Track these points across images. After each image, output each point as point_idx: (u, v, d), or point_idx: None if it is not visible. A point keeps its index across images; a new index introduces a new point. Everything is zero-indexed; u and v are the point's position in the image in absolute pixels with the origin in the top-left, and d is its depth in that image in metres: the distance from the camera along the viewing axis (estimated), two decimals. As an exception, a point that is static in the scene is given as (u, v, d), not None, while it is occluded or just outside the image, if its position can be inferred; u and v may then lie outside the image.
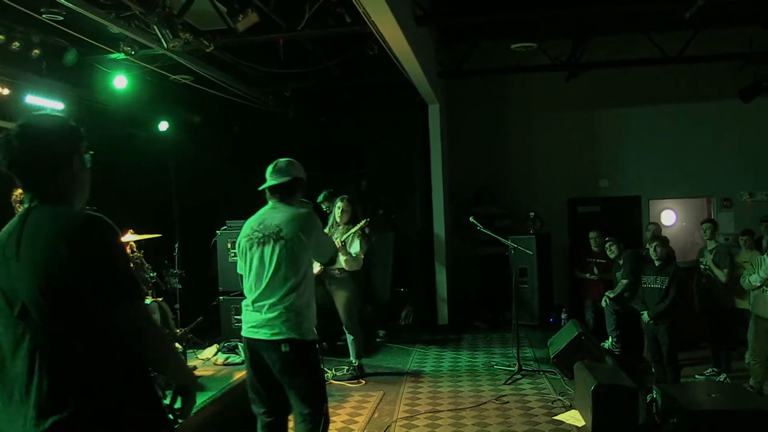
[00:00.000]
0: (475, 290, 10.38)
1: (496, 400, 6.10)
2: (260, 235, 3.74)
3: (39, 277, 1.97)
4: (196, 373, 5.96)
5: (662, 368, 7.15)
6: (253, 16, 5.76)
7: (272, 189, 3.85)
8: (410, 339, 8.97)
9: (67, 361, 1.99)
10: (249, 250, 3.77)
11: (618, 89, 10.31)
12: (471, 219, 7.23)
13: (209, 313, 7.67)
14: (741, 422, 4.56)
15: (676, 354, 7.01)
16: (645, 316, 7.02)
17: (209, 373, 6.01)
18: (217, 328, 7.53)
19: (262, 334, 3.63)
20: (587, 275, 8.94)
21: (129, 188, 8.51)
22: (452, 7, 7.83)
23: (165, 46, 5.61)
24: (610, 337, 8.47)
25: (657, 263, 6.97)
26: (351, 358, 7.11)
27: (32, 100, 6.82)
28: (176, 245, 7.30)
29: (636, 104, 10.39)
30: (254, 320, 3.68)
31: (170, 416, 2.26)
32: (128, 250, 6.22)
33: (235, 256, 6.56)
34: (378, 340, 8.99)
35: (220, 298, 7.54)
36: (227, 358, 6.37)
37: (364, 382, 6.89)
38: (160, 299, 5.81)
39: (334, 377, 7.00)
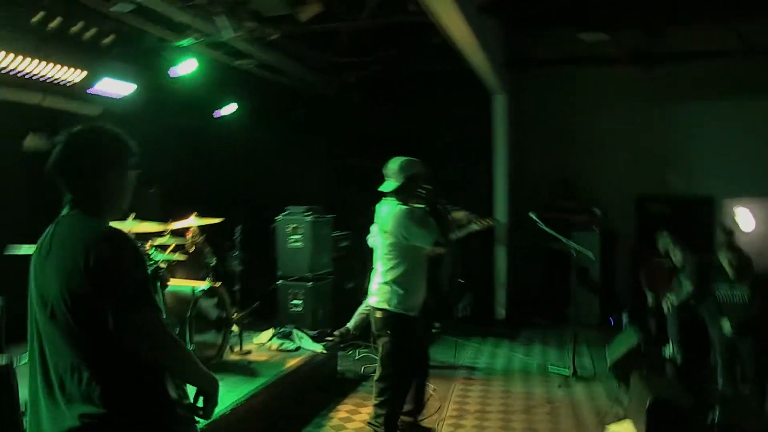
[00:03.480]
0: (537, 285, 10.19)
1: (547, 404, 5.97)
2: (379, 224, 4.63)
3: (62, 283, 2.10)
4: (251, 357, 6.06)
5: (734, 384, 6.88)
6: (316, 6, 5.73)
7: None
8: (466, 332, 8.84)
9: (88, 361, 2.10)
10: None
11: (694, 82, 9.81)
12: (531, 214, 7.04)
13: (267, 298, 7.76)
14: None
15: (761, 371, 6.72)
16: (726, 326, 6.72)
17: (263, 358, 6.11)
18: (275, 312, 7.61)
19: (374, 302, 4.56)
20: (648, 292, 8.69)
21: (195, 171, 8.68)
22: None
23: (229, 36, 5.64)
24: (671, 344, 8.19)
25: (732, 273, 6.68)
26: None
27: (104, 84, 7.01)
28: (238, 228, 7.38)
29: (713, 98, 9.89)
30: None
31: (194, 416, 2.34)
32: (190, 235, 6.34)
33: (295, 241, 6.63)
34: (433, 331, 8.92)
35: (278, 282, 7.60)
36: (281, 345, 6.44)
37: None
38: (218, 284, 5.88)
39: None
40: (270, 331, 6.75)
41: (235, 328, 6.20)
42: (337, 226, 8.33)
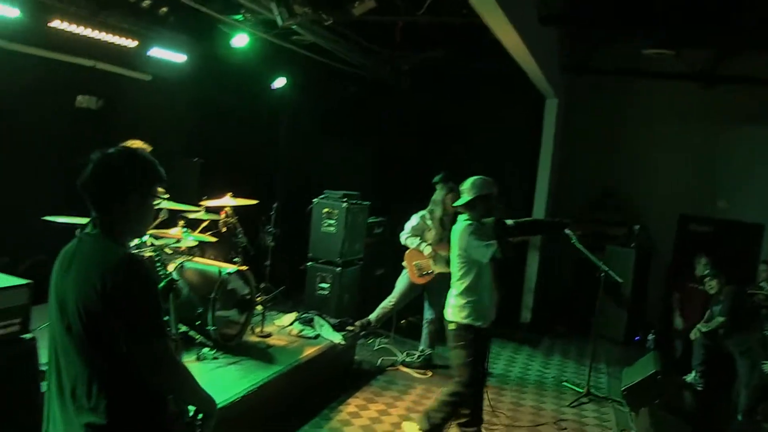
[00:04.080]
0: (565, 293, 10.11)
1: (554, 423, 5.97)
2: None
3: (79, 301, 2.23)
4: (270, 341, 6.15)
5: (756, 421, 6.84)
6: (370, 2, 5.69)
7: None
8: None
9: (97, 375, 2.25)
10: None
11: (754, 107, 9.49)
12: (566, 231, 6.93)
13: (295, 278, 7.86)
14: None
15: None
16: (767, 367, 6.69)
17: (282, 342, 6.19)
18: (301, 294, 7.71)
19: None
20: (677, 317, 8.59)
21: (239, 146, 8.77)
22: (585, 10, 7.42)
23: (281, 23, 5.66)
24: (694, 371, 8.09)
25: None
26: (422, 346, 7.12)
27: (156, 52, 7.13)
28: (275, 205, 7.46)
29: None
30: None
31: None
32: (223, 215, 6.44)
33: (329, 226, 6.72)
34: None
35: (308, 264, 7.69)
36: (302, 331, 6.51)
37: (431, 373, 6.90)
38: (245, 268, 5.97)
39: (403, 362, 7.04)
40: (293, 315, 6.84)
41: (258, 308, 6.30)
42: (372, 212, 8.37)
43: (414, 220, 6.87)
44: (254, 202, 6.57)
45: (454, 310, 4.84)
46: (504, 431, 5.66)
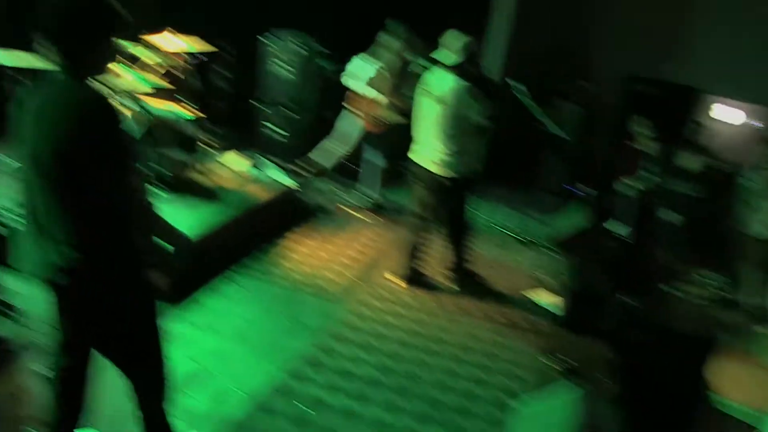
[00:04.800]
0: (511, 145, 10.36)
1: (490, 267, 6.38)
2: (432, 92, 5.09)
3: (55, 144, 2.32)
4: (219, 181, 6.27)
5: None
6: None
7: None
8: None
9: (73, 213, 2.40)
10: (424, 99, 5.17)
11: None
12: (509, 81, 7.00)
13: (246, 122, 7.90)
14: (684, 343, 4.87)
15: (691, 259, 7.27)
16: (676, 217, 7.14)
17: (231, 184, 6.28)
18: (252, 137, 7.78)
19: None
20: (617, 170, 8.91)
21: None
22: None
23: None
24: (625, 224, 8.59)
25: (693, 170, 7.03)
26: (370, 189, 7.38)
27: None
28: (229, 47, 7.37)
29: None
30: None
31: (162, 265, 2.71)
32: (181, 61, 6.36)
33: (282, 68, 6.83)
34: (404, 171, 9.17)
35: (261, 106, 7.72)
36: (252, 172, 6.64)
37: (377, 216, 7.20)
38: (196, 109, 6.00)
39: (350, 205, 7.31)
40: (243, 157, 6.95)
41: (208, 149, 6.39)
42: (325, 55, 8.32)
43: (370, 70, 6.88)
44: (213, 49, 6.50)
45: (452, 164, 5.14)
46: (439, 273, 6.00)
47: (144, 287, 2.64)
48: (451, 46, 5.02)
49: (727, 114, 10.39)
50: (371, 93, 6.88)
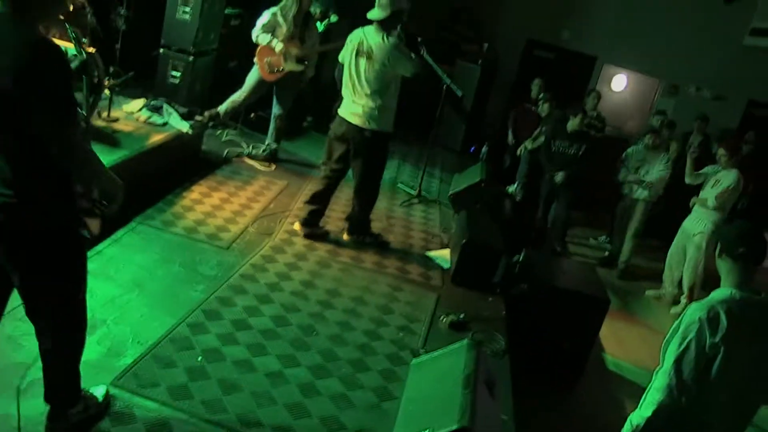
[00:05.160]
0: (409, 101, 10.48)
1: (385, 218, 6.53)
2: (360, 48, 5.13)
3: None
4: (116, 125, 6.06)
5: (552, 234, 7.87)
6: None
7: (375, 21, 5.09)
8: None
9: (6, 154, 2.38)
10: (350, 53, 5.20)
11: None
12: (419, 39, 7.08)
13: (146, 65, 7.60)
14: (570, 301, 5.18)
15: (567, 221, 7.73)
16: (560, 176, 7.52)
17: (129, 128, 6.10)
18: (151, 82, 7.51)
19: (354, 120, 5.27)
20: (510, 134, 9.26)
21: None
22: None
23: None
24: (517, 183, 8.97)
25: (573, 131, 7.45)
26: (268, 140, 7.33)
27: None
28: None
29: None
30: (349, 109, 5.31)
31: (96, 210, 2.70)
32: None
33: (184, 13, 6.48)
34: (304, 125, 9.17)
35: (161, 50, 7.45)
36: (149, 117, 6.42)
37: (274, 166, 7.18)
38: (93, 50, 5.70)
39: (249, 154, 7.24)
40: (141, 101, 6.71)
41: (106, 92, 6.13)
42: (230, 3, 8.11)
43: (265, 16, 6.76)
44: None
45: (373, 118, 5.22)
46: (336, 225, 6.07)
47: (76, 234, 2.62)
48: (381, 2, 5.05)
49: (617, 82, 10.94)
50: (264, 40, 6.77)
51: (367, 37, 5.17)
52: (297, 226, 5.71)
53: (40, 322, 2.75)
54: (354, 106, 5.28)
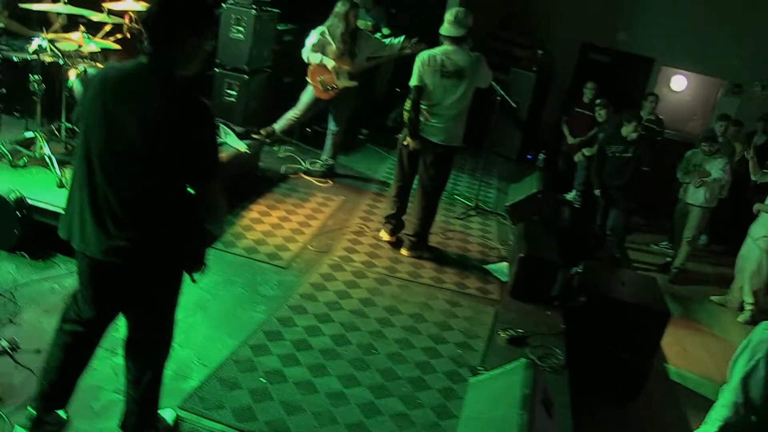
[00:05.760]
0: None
1: (442, 233, 6.53)
2: (444, 69, 5.26)
3: (147, 130, 2.42)
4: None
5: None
6: None
7: (453, 39, 5.27)
8: (392, 143, 9.03)
9: (147, 197, 2.53)
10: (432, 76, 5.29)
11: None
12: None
13: (203, 86, 7.75)
14: (630, 313, 5.08)
15: (626, 227, 7.60)
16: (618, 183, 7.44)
17: None
18: (208, 100, 7.65)
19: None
20: (568, 134, 9.11)
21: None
22: None
23: None
24: (574, 190, 8.86)
25: (627, 136, 7.33)
26: (324, 155, 7.41)
27: None
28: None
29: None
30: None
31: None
32: (126, 20, 6.24)
33: (237, 32, 6.60)
34: (360, 137, 9.23)
35: (216, 70, 7.62)
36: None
37: (331, 182, 7.26)
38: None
39: (306, 171, 7.35)
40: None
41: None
42: (282, 19, 8.24)
43: (313, 36, 6.83)
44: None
45: (454, 133, 5.44)
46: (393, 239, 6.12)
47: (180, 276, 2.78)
48: (457, 20, 5.22)
49: (677, 82, 10.67)
50: (315, 59, 6.85)
51: (450, 57, 5.26)
52: (384, 234, 5.97)
53: (140, 354, 2.90)
54: (437, 125, 5.39)
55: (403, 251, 5.83)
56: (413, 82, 5.38)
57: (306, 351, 4.16)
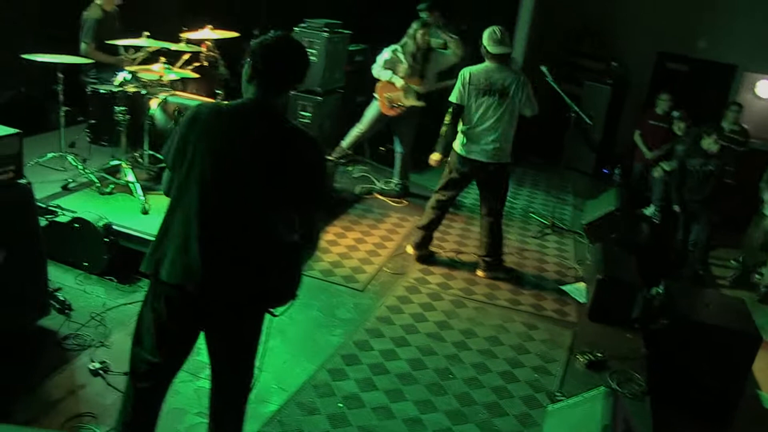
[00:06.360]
0: (539, 125, 10.34)
1: (517, 253, 6.47)
2: (488, 87, 5.30)
3: (265, 167, 2.53)
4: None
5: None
6: None
7: (499, 57, 5.30)
8: None
9: (259, 240, 2.58)
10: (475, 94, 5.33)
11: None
12: (542, 68, 7.02)
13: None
14: (715, 337, 4.87)
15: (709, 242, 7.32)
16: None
17: None
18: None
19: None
20: (644, 149, 8.88)
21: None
22: None
23: None
24: (653, 206, 8.62)
25: (708, 149, 7.10)
26: (395, 178, 7.46)
27: None
28: (255, 32, 7.42)
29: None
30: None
31: None
32: (204, 48, 6.47)
33: (311, 55, 6.93)
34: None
35: (290, 93, 7.78)
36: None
37: (406, 202, 7.30)
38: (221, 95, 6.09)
39: (380, 191, 7.42)
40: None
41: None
42: (353, 39, 8.37)
43: (386, 53, 6.93)
44: (235, 34, 6.58)
45: (503, 152, 5.46)
46: (469, 259, 6.11)
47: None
48: (505, 40, 5.30)
49: (762, 88, 10.21)
50: (386, 76, 6.93)
51: (495, 75, 5.28)
52: (410, 249, 5.95)
53: (231, 399, 2.89)
54: (482, 144, 5.39)
55: (479, 272, 5.81)
56: (453, 98, 5.45)
57: (383, 375, 4.20)
